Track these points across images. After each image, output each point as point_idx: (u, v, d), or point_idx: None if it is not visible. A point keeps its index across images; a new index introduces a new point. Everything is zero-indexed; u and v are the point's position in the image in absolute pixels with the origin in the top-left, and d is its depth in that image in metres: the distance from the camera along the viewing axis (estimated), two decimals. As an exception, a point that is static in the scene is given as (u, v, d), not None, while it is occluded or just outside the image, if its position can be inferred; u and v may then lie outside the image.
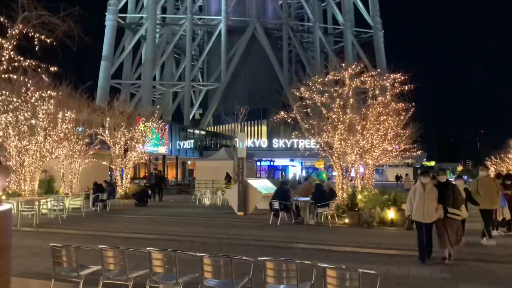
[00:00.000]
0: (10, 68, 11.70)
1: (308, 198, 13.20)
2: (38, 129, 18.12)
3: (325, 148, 14.93)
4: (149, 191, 20.97)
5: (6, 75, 11.87)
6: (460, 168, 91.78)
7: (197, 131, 60.63)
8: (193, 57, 76.96)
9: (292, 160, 59.55)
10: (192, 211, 17.42)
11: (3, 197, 14.40)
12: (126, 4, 71.33)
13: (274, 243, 9.79)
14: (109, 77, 66.37)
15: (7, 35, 11.48)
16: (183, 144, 53.37)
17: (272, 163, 59.13)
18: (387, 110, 14.80)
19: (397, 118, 15.30)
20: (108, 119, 24.08)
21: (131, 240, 9.96)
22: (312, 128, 14.87)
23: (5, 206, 5.01)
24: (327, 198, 12.78)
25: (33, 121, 17.84)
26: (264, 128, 67.87)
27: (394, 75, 14.34)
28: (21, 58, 11.59)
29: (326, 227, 12.35)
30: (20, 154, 17.70)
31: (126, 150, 25.09)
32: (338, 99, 14.39)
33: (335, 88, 14.36)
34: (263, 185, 16.65)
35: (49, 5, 11.31)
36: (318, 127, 14.94)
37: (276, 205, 12.65)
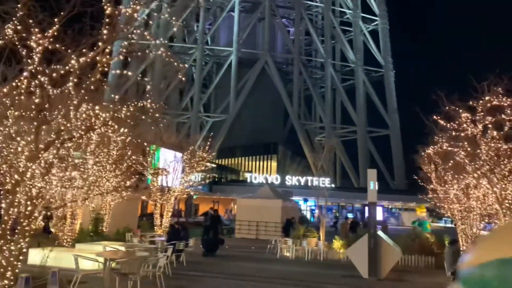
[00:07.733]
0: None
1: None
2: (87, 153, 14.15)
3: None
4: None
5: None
6: None
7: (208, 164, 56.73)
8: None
9: (306, 200, 55.68)
10: (284, 268, 13.48)
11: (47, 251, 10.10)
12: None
13: None
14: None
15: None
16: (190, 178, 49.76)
17: (306, 203, 55.06)
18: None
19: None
20: (154, 146, 20.50)
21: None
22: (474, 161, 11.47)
23: None
24: None
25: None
26: (274, 163, 64.29)
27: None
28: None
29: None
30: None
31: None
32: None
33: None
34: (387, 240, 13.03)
35: None
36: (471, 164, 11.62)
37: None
